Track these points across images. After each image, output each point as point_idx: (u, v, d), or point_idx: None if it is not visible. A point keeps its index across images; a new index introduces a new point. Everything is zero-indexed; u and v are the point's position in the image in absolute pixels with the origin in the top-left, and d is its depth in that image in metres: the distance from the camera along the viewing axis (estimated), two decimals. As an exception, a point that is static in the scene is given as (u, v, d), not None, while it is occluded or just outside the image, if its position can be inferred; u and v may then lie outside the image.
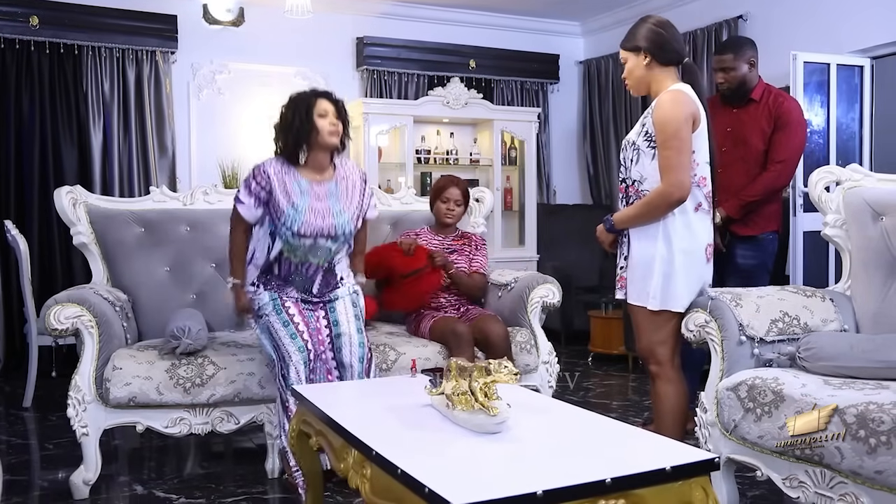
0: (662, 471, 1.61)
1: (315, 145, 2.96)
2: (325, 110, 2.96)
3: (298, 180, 2.97)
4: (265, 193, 2.93)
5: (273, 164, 2.98)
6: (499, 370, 1.88)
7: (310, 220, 2.92)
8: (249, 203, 2.96)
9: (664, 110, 2.63)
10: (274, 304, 2.96)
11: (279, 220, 2.91)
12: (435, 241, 3.75)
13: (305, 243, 2.93)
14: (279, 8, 5.64)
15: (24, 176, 5.44)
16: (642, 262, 2.69)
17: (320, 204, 2.96)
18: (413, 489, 1.55)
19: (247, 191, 2.96)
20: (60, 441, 3.69)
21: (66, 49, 5.54)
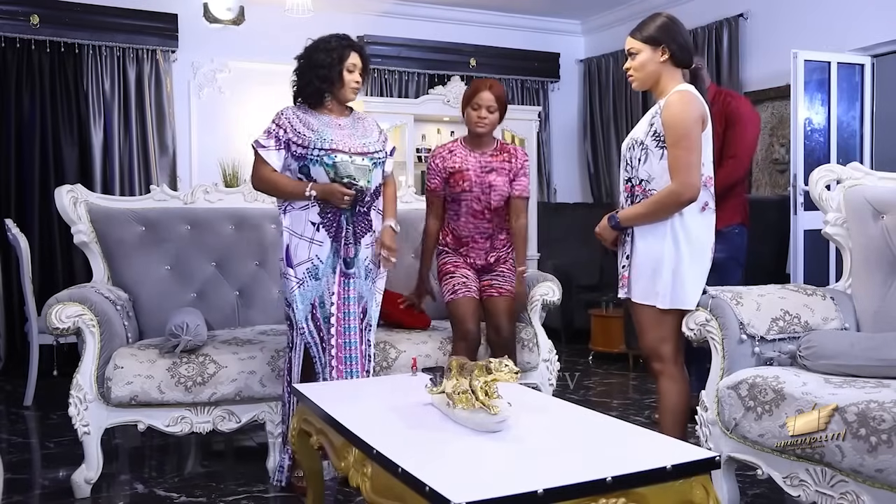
0: (663, 469, 1.61)
1: (334, 95, 2.97)
2: (353, 65, 2.94)
3: (317, 116, 2.96)
4: (284, 133, 2.91)
5: (290, 108, 2.99)
6: (499, 369, 1.88)
7: (338, 138, 2.90)
8: (270, 145, 2.91)
9: (675, 110, 2.62)
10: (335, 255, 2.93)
11: (307, 147, 2.87)
12: (471, 160, 3.36)
13: (344, 158, 2.87)
14: (280, 6, 5.64)
15: (24, 175, 5.45)
16: (650, 261, 2.68)
17: (343, 130, 2.96)
18: (414, 488, 1.55)
19: (265, 134, 2.93)
20: (61, 440, 3.69)
21: (67, 48, 5.54)
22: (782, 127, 5.45)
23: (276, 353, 3.11)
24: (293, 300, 2.90)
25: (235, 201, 3.76)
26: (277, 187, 2.94)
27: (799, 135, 4.82)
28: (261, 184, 2.98)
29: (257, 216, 3.75)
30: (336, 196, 2.85)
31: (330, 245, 2.91)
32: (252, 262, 3.70)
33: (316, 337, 2.91)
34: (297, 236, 2.92)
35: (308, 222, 2.91)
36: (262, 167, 2.92)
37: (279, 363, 3.09)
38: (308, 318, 2.91)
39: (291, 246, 2.92)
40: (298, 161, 2.90)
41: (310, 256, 2.90)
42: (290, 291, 2.91)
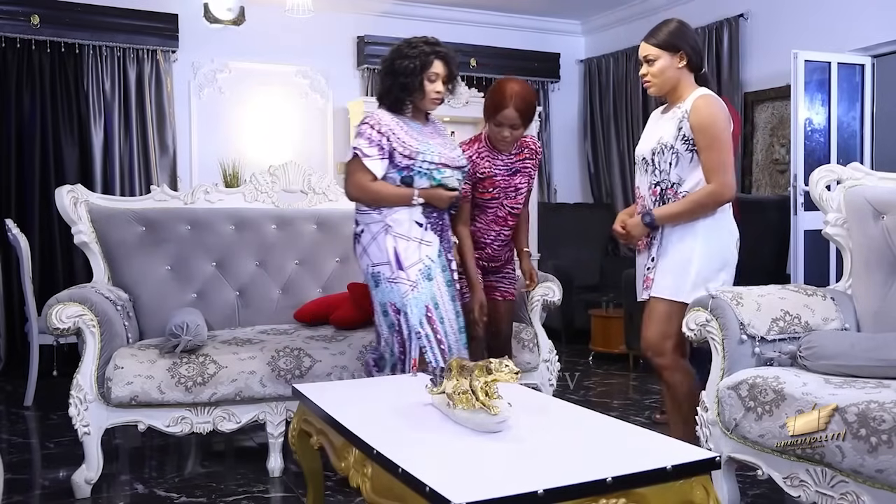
0: (663, 470, 1.61)
1: (415, 104, 2.88)
2: (436, 74, 2.84)
3: (409, 122, 2.87)
4: (387, 142, 2.79)
5: (384, 113, 2.86)
6: (499, 369, 1.88)
7: (443, 151, 2.84)
8: (373, 153, 2.78)
9: (706, 114, 2.70)
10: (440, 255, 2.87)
11: (414, 158, 2.78)
12: (498, 164, 3.17)
13: (448, 174, 2.82)
14: (280, 7, 5.64)
15: (24, 175, 5.45)
16: (680, 259, 2.75)
17: (437, 140, 2.89)
18: (414, 488, 1.55)
19: (367, 142, 2.78)
20: (62, 440, 3.69)
21: (67, 48, 5.54)
22: (782, 127, 5.45)
23: (277, 354, 3.11)
24: (406, 304, 2.77)
25: (236, 201, 3.76)
26: (380, 197, 2.81)
27: (799, 135, 4.82)
28: (361, 193, 2.83)
29: (257, 216, 3.75)
30: (441, 199, 2.82)
31: (437, 244, 2.85)
32: (252, 262, 3.70)
33: (433, 341, 2.79)
34: (404, 238, 2.80)
35: (413, 223, 2.82)
36: (363, 176, 2.79)
37: (279, 363, 3.09)
38: (424, 321, 2.78)
39: (400, 248, 2.79)
40: (402, 171, 2.80)
41: (420, 257, 2.80)
42: (401, 296, 2.77)
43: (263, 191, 3.81)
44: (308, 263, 3.81)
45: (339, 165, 6.44)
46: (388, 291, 2.80)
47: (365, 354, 3.21)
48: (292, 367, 3.10)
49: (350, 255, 3.86)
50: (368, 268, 2.86)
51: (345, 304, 3.50)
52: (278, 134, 6.25)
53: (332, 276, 3.82)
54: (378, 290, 2.84)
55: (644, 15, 6.49)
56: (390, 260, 2.78)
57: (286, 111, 6.30)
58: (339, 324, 3.44)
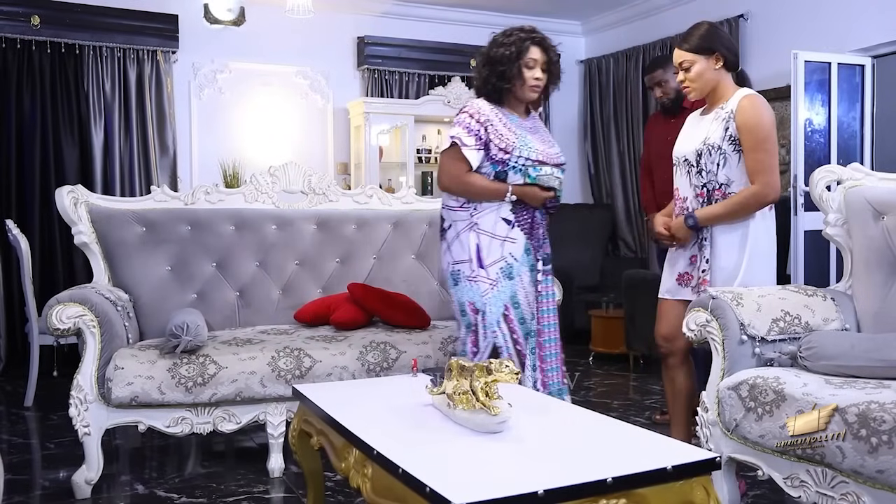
0: (664, 470, 1.61)
1: (513, 93, 2.79)
2: (534, 60, 2.78)
3: (509, 115, 2.80)
4: (485, 132, 2.72)
5: (484, 103, 2.79)
6: (500, 369, 1.88)
7: (541, 147, 2.77)
8: (471, 143, 2.71)
9: (752, 114, 2.74)
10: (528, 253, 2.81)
11: (509, 152, 2.71)
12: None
13: (546, 171, 2.76)
14: (280, 7, 5.64)
15: (25, 175, 5.45)
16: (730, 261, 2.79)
17: (537, 135, 2.82)
18: (414, 489, 1.55)
19: (465, 130, 2.72)
20: (62, 440, 3.69)
21: (68, 49, 5.54)
22: (783, 128, 5.45)
23: (277, 354, 3.11)
24: (485, 303, 2.74)
25: (236, 202, 3.76)
26: (473, 189, 2.76)
27: (799, 135, 4.82)
28: (454, 183, 2.78)
29: (258, 217, 3.75)
30: (536, 198, 2.75)
31: (524, 242, 2.79)
32: (252, 262, 3.70)
33: (509, 340, 2.77)
34: (488, 235, 2.76)
35: (500, 220, 2.76)
36: (458, 165, 2.73)
37: (279, 364, 3.09)
38: (501, 320, 2.76)
39: (482, 245, 2.75)
40: (496, 166, 2.74)
41: (503, 255, 2.76)
42: (480, 294, 2.75)
43: (264, 191, 3.81)
44: (308, 264, 3.81)
45: (340, 166, 6.45)
46: (466, 290, 2.77)
47: (366, 353, 3.21)
48: (292, 367, 3.10)
49: (349, 255, 3.89)
50: (449, 265, 2.82)
51: (345, 304, 3.51)
52: (278, 134, 6.25)
53: (332, 277, 3.82)
54: (457, 289, 2.80)
55: (644, 15, 6.49)
56: (471, 257, 2.75)
57: (286, 112, 6.31)
58: (340, 324, 3.44)
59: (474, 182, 2.74)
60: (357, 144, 6.33)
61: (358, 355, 3.21)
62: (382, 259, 3.91)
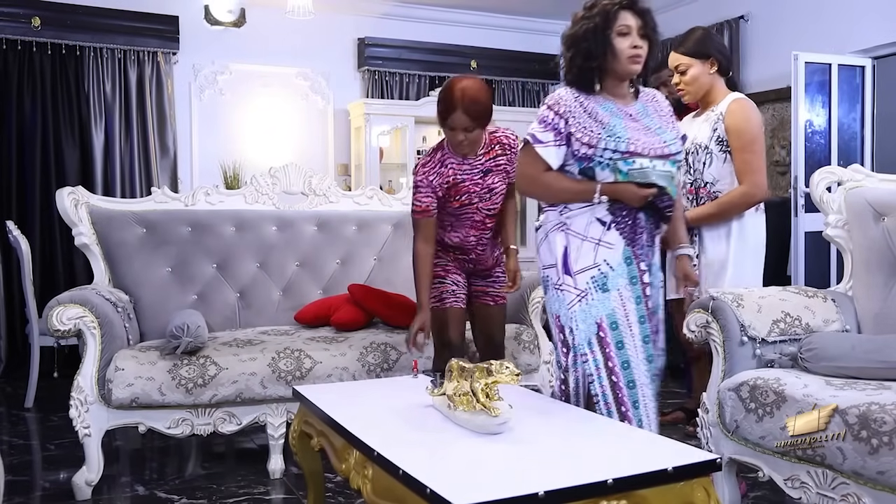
0: (664, 471, 1.61)
1: (609, 71, 2.34)
2: (627, 26, 2.31)
3: (601, 103, 2.34)
4: (565, 125, 2.30)
5: (566, 91, 2.36)
6: (500, 371, 1.88)
7: (635, 136, 2.30)
8: (549, 139, 2.31)
9: (741, 117, 2.85)
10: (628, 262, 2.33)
11: (594, 147, 2.28)
12: (466, 168, 2.92)
13: (642, 164, 2.27)
14: (280, 9, 5.65)
15: (25, 177, 5.45)
16: (717, 260, 2.91)
17: (636, 123, 2.34)
18: (415, 490, 1.55)
19: (542, 126, 2.33)
20: (62, 441, 3.69)
21: (68, 50, 5.54)
22: (783, 129, 5.45)
23: (277, 355, 3.11)
24: (571, 318, 2.30)
25: (236, 203, 3.76)
26: (554, 190, 2.38)
27: (800, 137, 4.82)
28: (531, 186, 2.44)
29: (258, 218, 3.75)
30: (633, 197, 2.29)
31: (623, 248, 2.33)
32: (253, 263, 3.70)
33: (602, 367, 2.29)
34: (578, 237, 2.33)
35: (594, 220, 2.33)
36: (535, 166, 2.35)
37: (280, 365, 3.09)
38: (592, 340, 2.29)
39: (571, 249, 2.33)
40: (581, 162, 2.32)
41: (596, 262, 2.30)
42: (566, 307, 2.32)
43: (264, 192, 3.81)
44: (309, 265, 3.81)
45: (340, 167, 6.45)
46: (553, 300, 2.38)
47: (366, 354, 3.21)
48: (293, 368, 3.10)
49: (350, 256, 3.89)
50: (540, 271, 2.46)
51: (345, 305, 3.51)
52: (279, 136, 6.25)
53: (332, 278, 3.82)
54: (546, 298, 2.44)
55: (644, 17, 6.49)
56: (557, 262, 2.36)
57: (287, 113, 6.31)
58: (340, 325, 3.44)
59: (554, 182, 2.35)
60: (357, 145, 6.34)
61: (358, 356, 3.21)
62: (383, 260, 3.91)
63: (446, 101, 2.81)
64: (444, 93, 2.84)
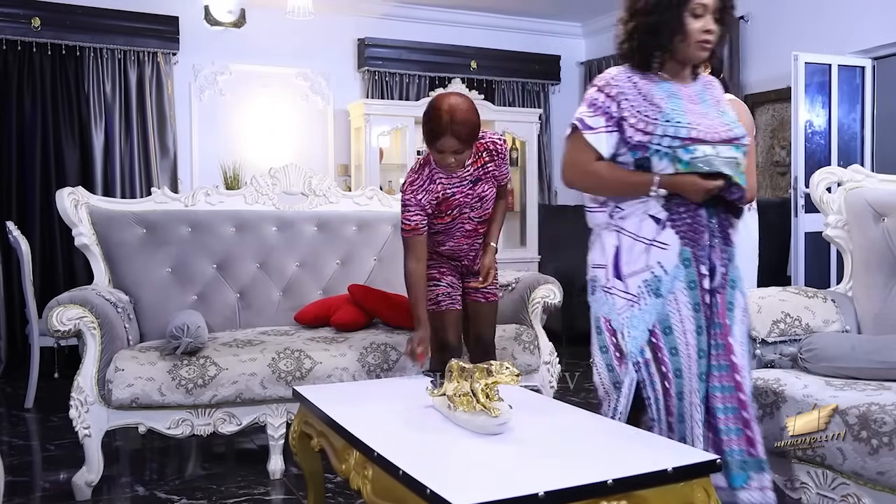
0: (664, 472, 1.61)
1: (672, 52, 2.11)
2: (703, 6, 2.06)
3: (656, 83, 2.12)
4: (617, 108, 2.09)
5: (619, 70, 2.16)
6: (500, 371, 1.88)
7: (696, 121, 2.07)
8: (599, 124, 2.10)
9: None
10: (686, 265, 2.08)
11: (650, 133, 2.05)
12: (455, 181, 2.87)
13: (705, 152, 2.04)
14: (280, 9, 5.64)
15: (25, 177, 5.45)
16: None
17: (696, 106, 2.12)
18: (415, 490, 1.55)
19: (591, 110, 2.12)
20: (62, 442, 3.69)
21: (68, 50, 5.54)
22: (783, 129, 5.45)
23: (277, 355, 3.11)
24: (622, 324, 2.12)
25: (236, 203, 3.76)
26: (604, 183, 2.14)
27: (800, 137, 4.82)
28: (582, 177, 2.18)
29: (258, 218, 3.75)
30: (695, 189, 2.04)
31: (680, 249, 2.08)
32: (253, 263, 3.70)
33: (656, 376, 2.09)
34: (629, 236, 2.12)
35: (647, 218, 2.10)
36: (584, 154, 2.13)
37: (280, 365, 3.09)
38: (645, 348, 2.09)
39: (623, 250, 2.12)
40: (635, 151, 2.08)
41: (649, 264, 2.09)
42: (615, 313, 2.13)
43: (264, 193, 3.82)
44: (308, 265, 3.81)
45: (340, 167, 6.45)
46: (601, 302, 2.17)
47: (366, 354, 3.21)
48: (293, 368, 3.10)
49: (350, 256, 3.89)
50: (589, 269, 2.25)
51: (345, 305, 3.51)
52: (279, 136, 6.25)
53: (332, 278, 3.82)
54: (593, 300, 2.21)
55: (644, 17, 6.50)
56: (608, 262, 2.15)
57: (287, 113, 6.31)
58: (340, 325, 3.44)
59: (607, 173, 2.11)
60: (357, 146, 6.34)
61: (358, 357, 3.21)
62: (383, 260, 3.91)
63: (433, 124, 2.70)
64: (430, 115, 2.72)
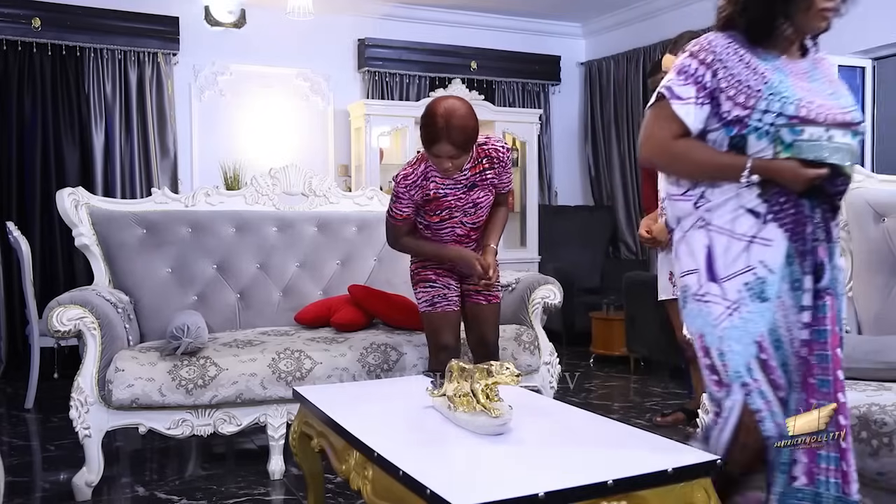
0: (664, 472, 1.61)
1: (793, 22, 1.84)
2: None
3: (760, 55, 1.83)
4: (712, 77, 1.80)
5: (718, 36, 1.85)
6: (500, 372, 1.88)
7: (807, 98, 1.79)
8: (689, 94, 1.81)
9: None
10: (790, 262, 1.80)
11: (752, 107, 1.77)
12: (449, 182, 2.83)
13: (813, 134, 1.75)
14: (281, 9, 5.65)
15: (26, 177, 5.45)
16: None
17: (805, 84, 1.84)
18: (415, 491, 1.55)
19: (681, 78, 1.83)
20: (62, 442, 3.69)
21: (69, 51, 5.54)
22: (783, 130, 5.45)
23: (277, 356, 3.11)
24: (722, 336, 1.80)
25: (236, 204, 3.76)
26: (687, 162, 1.85)
27: (800, 137, 4.82)
28: (661, 153, 1.88)
29: (258, 219, 3.75)
30: (796, 178, 1.76)
31: (786, 245, 1.79)
32: (253, 264, 3.70)
33: (771, 397, 1.80)
34: (724, 234, 1.82)
35: (744, 212, 1.81)
36: (668, 127, 1.84)
37: (280, 365, 3.09)
38: (753, 365, 1.79)
39: (717, 248, 1.83)
40: (731, 128, 1.80)
41: (750, 263, 1.79)
42: (712, 323, 1.82)
43: (264, 193, 3.82)
44: (309, 266, 3.81)
45: (340, 168, 6.45)
46: (694, 315, 1.86)
47: (366, 354, 3.21)
48: (293, 369, 3.10)
49: (350, 257, 3.89)
50: (677, 278, 1.98)
51: (345, 306, 3.51)
52: (279, 136, 6.26)
53: (332, 279, 3.82)
54: (686, 314, 1.91)
55: (644, 18, 6.49)
56: (699, 266, 1.84)
57: (287, 114, 6.31)
58: (340, 326, 3.44)
59: (691, 151, 1.83)
60: (358, 146, 6.34)
61: (358, 357, 3.21)
62: (383, 261, 3.91)
63: (429, 129, 2.66)
64: (426, 120, 2.68)
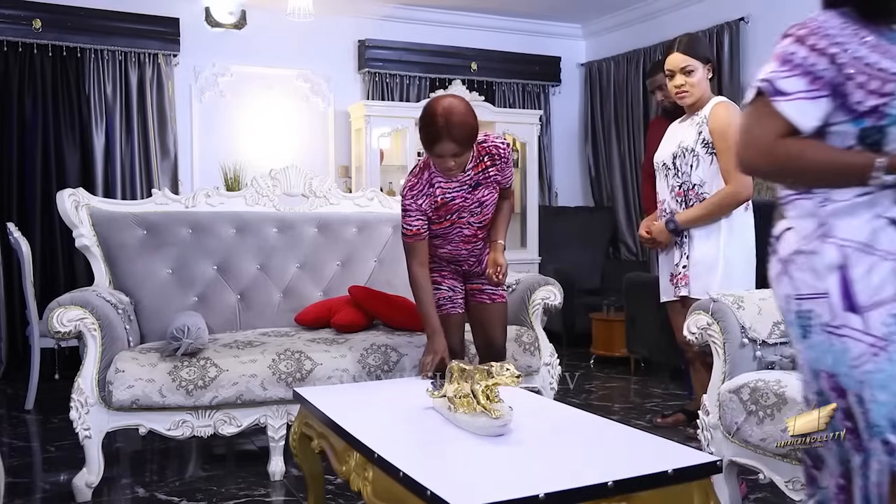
0: (664, 474, 1.61)
1: None
2: None
3: (885, 34, 1.55)
4: (827, 63, 1.52)
5: (830, 16, 1.61)
6: (501, 373, 1.88)
7: None
8: (798, 87, 1.52)
9: (724, 119, 2.93)
10: None
11: (891, 92, 1.47)
12: (454, 185, 2.83)
13: None
14: (281, 11, 5.65)
15: (26, 178, 5.46)
16: (707, 259, 2.99)
17: None
18: (415, 492, 1.55)
19: (787, 67, 1.55)
20: (62, 443, 3.69)
21: (69, 52, 5.55)
22: (783, 130, 5.45)
23: (277, 357, 3.11)
24: (863, 382, 1.48)
25: (237, 205, 3.76)
26: (806, 164, 1.53)
27: (800, 138, 4.82)
28: (766, 158, 1.56)
29: (258, 220, 3.75)
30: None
31: None
32: (253, 265, 3.70)
33: None
34: (861, 250, 1.49)
35: (884, 222, 1.49)
36: (769, 126, 1.54)
37: (280, 366, 3.08)
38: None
39: (855, 270, 1.48)
40: (862, 120, 1.49)
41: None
42: (850, 363, 1.49)
43: (264, 194, 3.82)
44: (309, 267, 3.81)
45: (340, 169, 6.45)
46: (822, 348, 1.52)
47: (367, 355, 3.21)
48: (293, 370, 3.10)
49: (350, 258, 3.89)
50: (790, 301, 1.57)
51: (346, 307, 3.51)
52: (279, 137, 6.26)
53: (333, 280, 3.82)
54: (807, 344, 1.55)
55: (645, 18, 6.50)
56: (830, 291, 1.50)
57: (287, 115, 6.31)
58: (340, 327, 3.44)
59: (805, 152, 1.52)
60: (358, 147, 6.34)
61: (359, 358, 3.21)
62: (383, 262, 3.91)
63: (429, 129, 2.63)
64: (425, 120, 2.66)
